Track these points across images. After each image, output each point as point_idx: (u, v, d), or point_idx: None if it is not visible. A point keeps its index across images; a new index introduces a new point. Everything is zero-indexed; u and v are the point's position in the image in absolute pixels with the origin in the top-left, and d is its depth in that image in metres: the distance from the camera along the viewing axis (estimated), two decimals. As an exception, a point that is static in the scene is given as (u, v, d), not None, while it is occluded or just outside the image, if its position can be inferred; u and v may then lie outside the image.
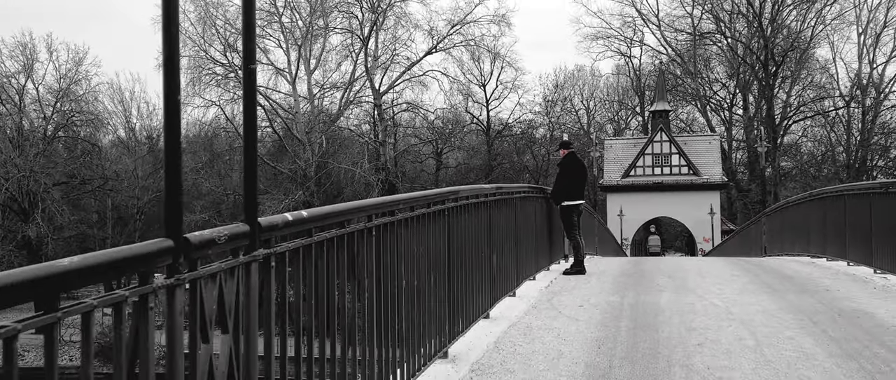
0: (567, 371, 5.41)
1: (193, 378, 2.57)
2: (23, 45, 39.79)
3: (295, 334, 3.48)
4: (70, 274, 1.95)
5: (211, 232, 2.75)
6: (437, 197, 5.80)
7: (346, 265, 4.01)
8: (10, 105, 39.65)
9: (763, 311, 7.56)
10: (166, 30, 2.46)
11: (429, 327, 5.39)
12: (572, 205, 11.29)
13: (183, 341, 2.59)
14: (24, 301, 1.85)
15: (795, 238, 15.44)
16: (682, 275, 10.62)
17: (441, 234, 5.84)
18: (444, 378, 5.28)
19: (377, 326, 4.40)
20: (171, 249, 2.47)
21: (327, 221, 3.76)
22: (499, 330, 6.73)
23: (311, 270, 3.59)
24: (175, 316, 2.50)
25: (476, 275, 6.85)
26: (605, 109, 54.14)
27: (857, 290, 8.92)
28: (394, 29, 42.08)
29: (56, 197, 39.14)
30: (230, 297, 2.85)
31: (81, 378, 2.02)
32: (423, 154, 48.44)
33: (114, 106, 45.39)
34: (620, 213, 35.87)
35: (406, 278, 4.97)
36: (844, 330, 6.58)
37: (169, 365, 2.47)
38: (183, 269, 2.55)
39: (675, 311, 7.59)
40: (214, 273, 2.75)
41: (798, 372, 5.30)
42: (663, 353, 5.87)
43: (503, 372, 5.43)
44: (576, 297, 8.62)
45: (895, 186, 9.78)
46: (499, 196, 8.09)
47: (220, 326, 2.84)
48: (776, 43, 44.69)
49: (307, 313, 3.60)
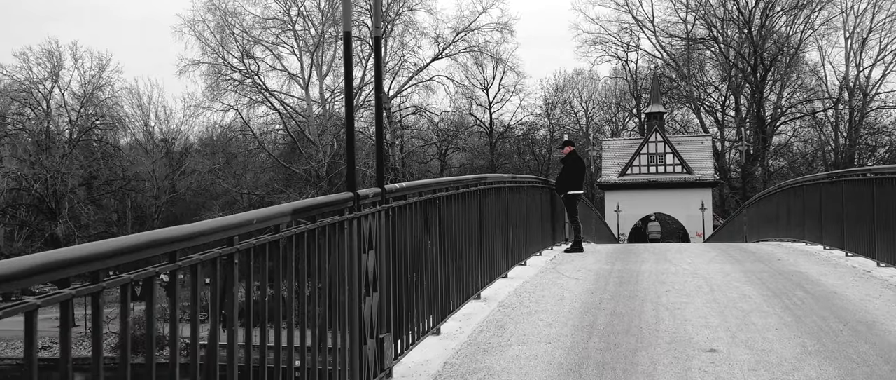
0: (568, 306, 7.48)
1: (366, 270, 4.64)
2: (50, 53, 41.94)
3: (394, 258, 5.52)
4: (299, 210, 4.01)
5: (365, 191, 4.82)
6: (473, 181, 7.87)
7: (423, 222, 6.06)
8: (38, 110, 41.75)
9: (722, 272, 9.62)
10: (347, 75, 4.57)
11: (467, 277, 7.43)
12: (574, 194, 13.35)
13: (354, 250, 4.65)
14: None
15: (769, 225, 17.50)
16: (664, 252, 12.68)
17: (475, 209, 7.90)
18: (479, 310, 7.34)
19: (440, 267, 6.44)
20: (352, 198, 4.55)
21: (415, 189, 5.83)
22: (516, 285, 8.79)
23: (404, 220, 5.63)
24: (359, 234, 4.58)
25: (498, 244, 8.91)
26: (604, 110, 56.31)
27: (804, 260, 10.97)
28: (402, 36, 44.22)
29: (81, 197, 41.12)
30: (372, 226, 4.91)
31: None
32: (429, 155, 50.56)
33: (133, 110, 47.50)
34: (617, 209, 37.95)
35: (456, 238, 7.02)
36: (778, 282, 8.65)
37: (352, 264, 4.55)
38: (355, 210, 4.63)
39: (652, 273, 9.65)
40: (367, 214, 4.81)
41: (736, 304, 7.37)
42: (639, 295, 7.94)
43: (522, 307, 7.50)
44: (575, 266, 10.68)
45: (838, 176, 11.83)
46: (514, 184, 10.17)
47: (368, 244, 4.89)
48: (765, 48, 46.78)
49: (404, 246, 5.65)
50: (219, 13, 41.79)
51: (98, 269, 2.46)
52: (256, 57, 42.63)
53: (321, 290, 4.20)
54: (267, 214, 3.61)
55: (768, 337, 6.09)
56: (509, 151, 52.40)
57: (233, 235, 3.27)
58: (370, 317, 4.77)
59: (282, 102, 43.16)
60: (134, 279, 2.61)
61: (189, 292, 3.01)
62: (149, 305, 2.77)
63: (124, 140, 49.23)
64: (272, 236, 3.62)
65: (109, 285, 2.46)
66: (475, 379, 5.16)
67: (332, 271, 4.31)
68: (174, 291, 2.87)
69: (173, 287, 2.87)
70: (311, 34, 43.14)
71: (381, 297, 4.95)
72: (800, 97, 49.53)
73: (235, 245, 3.26)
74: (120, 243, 2.56)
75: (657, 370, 5.24)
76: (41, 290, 2.31)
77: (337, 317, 4.35)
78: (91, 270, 2.44)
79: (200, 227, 3.04)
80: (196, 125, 57.84)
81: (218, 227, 3.19)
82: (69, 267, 2.29)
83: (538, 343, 6.05)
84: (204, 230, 3.05)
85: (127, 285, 2.59)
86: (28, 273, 2.14)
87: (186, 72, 49.76)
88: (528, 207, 11.16)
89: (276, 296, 3.70)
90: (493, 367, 5.42)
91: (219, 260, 3.17)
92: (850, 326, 6.43)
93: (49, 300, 2.22)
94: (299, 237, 3.87)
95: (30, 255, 2.30)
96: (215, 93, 42.24)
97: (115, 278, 2.55)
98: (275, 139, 46.44)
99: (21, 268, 2.12)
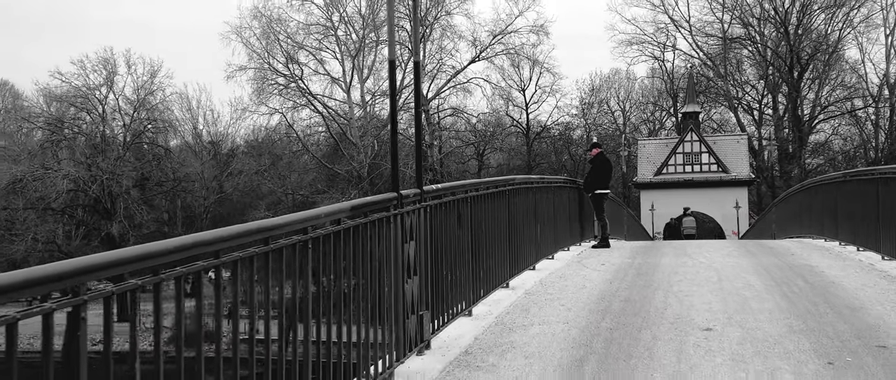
0: (587, 294, 8.38)
1: (408, 257, 5.62)
2: (105, 60, 43.91)
3: (431, 248, 6.49)
4: (355, 207, 5.03)
5: (407, 192, 5.81)
6: (502, 182, 8.83)
7: (456, 218, 7.03)
8: (94, 114, 43.80)
9: (735, 265, 10.41)
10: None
11: (496, 268, 8.38)
12: (601, 193, 14.19)
13: (398, 240, 5.63)
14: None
15: (794, 223, 18.08)
16: (684, 247, 13.46)
17: (503, 208, 8.84)
18: (506, 296, 8.28)
19: (472, 258, 7.40)
20: (396, 197, 5.55)
21: (449, 190, 6.81)
22: (542, 275, 9.71)
23: (440, 217, 6.61)
24: (402, 228, 5.57)
25: (526, 239, 9.84)
26: (640, 110, 56.63)
27: (816, 255, 11.68)
28: (440, 40, 45.27)
29: (135, 197, 43.00)
30: (413, 221, 5.89)
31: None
32: (466, 156, 51.58)
33: (182, 114, 49.41)
34: (652, 208, 38.45)
35: (486, 233, 7.98)
36: (784, 273, 9.43)
37: (396, 252, 5.54)
38: (399, 207, 5.62)
39: (669, 266, 10.48)
40: (409, 211, 5.80)
41: (739, 292, 8.19)
42: (653, 285, 8.81)
43: (545, 294, 8.43)
44: (599, 260, 11.55)
45: (851, 175, 12.49)
46: (541, 185, 11.09)
47: (409, 236, 5.87)
48: (802, 47, 46.70)
49: (440, 239, 6.62)
50: (264, 20, 43.39)
51: (220, 248, 3.48)
52: (300, 62, 44.13)
53: (372, 273, 5.20)
54: (331, 209, 4.62)
55: (760, 319, 6.92)
56: (546, 151, 53.13)
57: (307, 226, 4.28)
58: (411, 296, 5.76)
59: (324, 105, 44.61)
60: (244, 257, 3.63)
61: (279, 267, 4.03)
62: (250, 278, 3.79)
63: (173, 142, 51.21)
64: (335, 227, 4.63)
65: (224, 260, 3.49)
66: (500, 350, 6.11)
67: (380, 257, 5.30)
68: (267, 267, 3.89)
69: (266, 264, 3.89)
70: (353, 39, 44.49)
71: (420, 280, 5.93)
72: (839, 95, 49.28)
73: (309, 234, 4.28)
74: (235, 230, 3.59)
75: (656, 344, 6.13)
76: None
77: (385, 296, 5.35)
78: (215, 250, 3.46)
79: (287, 219, 4.07)
80: (242, 128, 59.67)
81: (297, 219, 4.21)
82: (220, 242, 3.32)
83: (557, 324, 6.98)
84: (290, 222, 4.08)
85: (236, 262, 3.62)
86: (138, 259, 3.10)
87: (234, 77, 51.54)
88: (556, 206, 12.05)
89: (337, 276, 4.71)
90: (516, 341, 6.37)
91: (297, 245, 4.18)
92: (836, 310, 7.22)
93: (172, 275, 3.20)
94: (355, 229, 4.87)
95: (128, 248, 3.25)
96: (261, 97, 43.86)
97: (228, 257, 3.57)
98: (318, 141, 47.90)
99: (122, 258, 3.07)
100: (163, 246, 3.09)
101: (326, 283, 4.61)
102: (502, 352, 6.04)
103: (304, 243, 4.25)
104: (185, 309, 3.35)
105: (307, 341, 4.25)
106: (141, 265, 2.96)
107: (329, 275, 4.56)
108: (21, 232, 40.38)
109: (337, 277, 4.64)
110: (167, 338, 3.51)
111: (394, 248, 5.52)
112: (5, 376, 2.32)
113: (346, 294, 4.87)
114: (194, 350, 3.39)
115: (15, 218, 40.49)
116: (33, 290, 2.46)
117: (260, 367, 3.78)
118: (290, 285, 4.23)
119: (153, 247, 3.04)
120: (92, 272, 2.67)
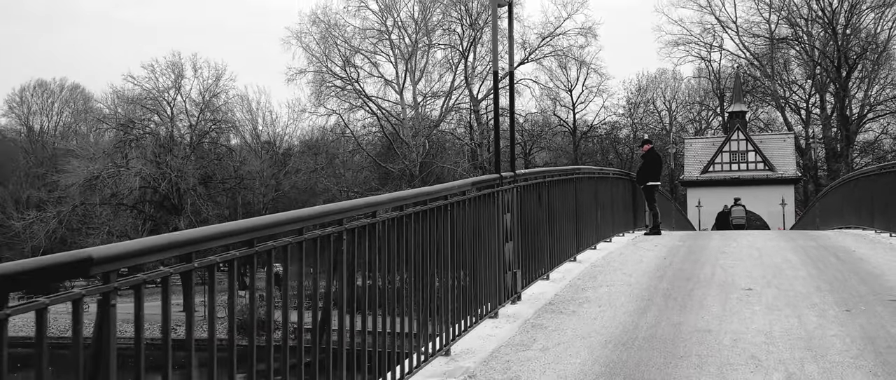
0: (645, 266, 9.81)
1: (506, 225, 7.16)
2: (173, 65, 46.57)
3: (521, 221, 8.00)
4: (476, 182, 6.59)
5: (505, 174, 7.35)
6: (571, 171, 10.32)
7: (538, 198, 8.53)
8: (163, 115, 46.43)
9: (775, 246, 11.70)
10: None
11: (565, 244, 9.85)
12: (653, 185, 15.54)
13: (498, 211, 7.16)
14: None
15: (835, 215, 19.11)
16: (731, 234, 14.73)
17: (571, 192, 10.31)
18: (575, 268, 9.75)
19: (548, 233, 8.90)
20: (498, 178, 7.10)
21: (533, 175, 8.33)
22: (602, 254, 11.15)
23: (526, 196, 8.11)
24: (502, 201, 7.11)
25: (589, 221, 11.29)
26: (687, 110, 57.35)
27: (851, 239, 12.88)
28: (491, 43, 46.77)
29: (201, 194, 45.42)
30: (508, 197, 7.42)
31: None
32: (515, 154, 52.98)
33: (243, 115, 51.86)
34: (699, 204, 39.37)
35: (559, 213, 9.46)
36: (819, 252, 10.71)
37: (497, 220, 7.08)
38: (499, 186, 7.16)
39: (716, 247, 11.83)
40: (506, 189, 7.33)
41: (777, 265, 9.54)
42: (702, 260, 10.19)
43: (608, 266, 9.88)
44: (652, 243, 12.93)
45: (887, 167, 13.63)
46: (600, 175, 12.53)
47: (506, 208, 7.40)
48: (851, 46, 46.99)
49: (526, 214, 8.13)
50: (323, 25, 45.43)
51: (302, 227, 5.05)
52: (356, 65, 46.06)
53: (481, 240, 6.73)
54: (461, 183, 6.18)
55: (794, 284, 8.29)
56: (592, 150, 54.23)
57: (447, 194, 5.84)
58: (508, 256, 7.29)
59: (379, 106, 46.47)
60: (343, 229, 5.20)
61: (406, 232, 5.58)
62: (348, 251, 5.35)
63: (234, 142, 53.71)
64: (461, 197, 6.18)
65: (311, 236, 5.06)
66: (577, 302, 7.60)
67: (487, 223, 6.84)
68: (430, 221, 5.45)
69: (427, 219, 5.44)
70: (406, 43, 46.24)
71: (514, 244, 7.46)
72: (889, 94, 49.37)
73: (449, 200, 5.84)
74: (359, 203, 5.17)
75: (707, 299, 7.55)
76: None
77: (489, 255, 6.88)
78: (297, 229, 5.03)
79: (433, 189, 5.64)
80: (299, 129, 62.13)
81: (441, 188, 5.77)
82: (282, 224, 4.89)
83: (622, 285, 8.44)
84: (434, 191, 5.65)
85: (340, 233, 5.19)
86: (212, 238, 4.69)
87: (294, 80, 53.89)
88: (613, 195, 13.47)
89: (462, 238, 6.25)
90: (590, 297, 7.85)
91: (436, 209, 5.74)
92: (859, 276, 8.54)
93: (226, 258, 4.74)
94: (476, 199, 6.42)
95: (233, 222, 4.81)
96: (320, 98, 45.91)
97: (338, 227, 5.13)
98: (372, 141, 49.79)
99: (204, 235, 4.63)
100: (282, 217, 3.79)
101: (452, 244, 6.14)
102: (579, 303, 7.54)
103: (445, 207, 5.80)
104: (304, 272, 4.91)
105: (451, 284, 5.81)
106: (256, 234, 3.53)
107: (459, 234, 6.12)
108: (97, 226, 43.05)
109: (466, 237, 6.19)
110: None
111: (497, 217, 7.05)
112: (35, 359, 2.38)
113: (465, 252, 6.41)
114: (322, 312, 4.96)
115: (93, 213, 43.13)
116: (221, 241, 3.28)
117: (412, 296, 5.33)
118: (439, 239, 5.78)
119: (272, 217, 3.75)
120: (259, 230, 3.50)
